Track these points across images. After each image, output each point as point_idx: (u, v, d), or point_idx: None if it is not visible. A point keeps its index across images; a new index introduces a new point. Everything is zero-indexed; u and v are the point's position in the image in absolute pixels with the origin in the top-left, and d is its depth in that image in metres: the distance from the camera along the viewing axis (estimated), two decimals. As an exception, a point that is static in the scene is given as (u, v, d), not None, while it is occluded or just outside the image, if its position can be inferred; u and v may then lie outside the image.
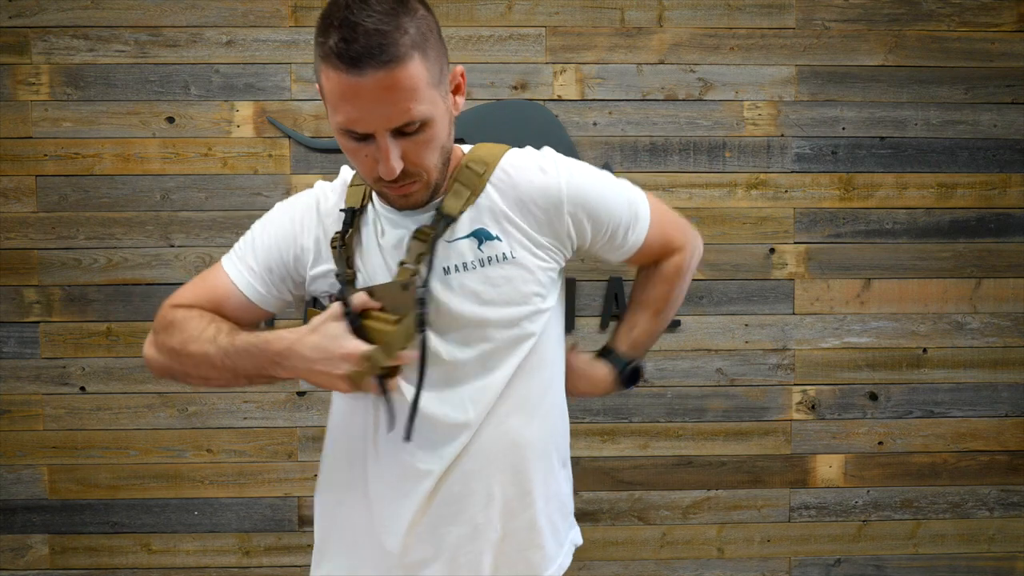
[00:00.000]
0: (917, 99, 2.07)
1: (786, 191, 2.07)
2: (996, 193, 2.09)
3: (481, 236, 0.96)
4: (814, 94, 2.06)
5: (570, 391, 1.13)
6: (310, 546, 2.06)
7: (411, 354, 0.91)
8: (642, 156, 2.05)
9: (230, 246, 1.05)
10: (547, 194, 0.97)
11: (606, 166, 2.03)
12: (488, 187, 0.97)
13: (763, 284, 2.08)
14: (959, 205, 2.10)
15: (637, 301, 1.17)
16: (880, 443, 2.12)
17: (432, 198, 0.95)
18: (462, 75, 0.94)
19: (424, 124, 0.85)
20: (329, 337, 0.89)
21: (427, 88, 0.84)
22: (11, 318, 2.00)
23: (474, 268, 0.96)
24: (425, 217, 0.96)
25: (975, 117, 2.08)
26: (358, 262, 0.98)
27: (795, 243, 2.08)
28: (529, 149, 1.02)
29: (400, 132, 0.85)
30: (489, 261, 0.96)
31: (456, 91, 0.94)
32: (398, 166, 0.85)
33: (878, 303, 2.10)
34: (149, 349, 1.00)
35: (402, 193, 0.91)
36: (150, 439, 2.03)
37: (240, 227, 1.99)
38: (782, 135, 2.06)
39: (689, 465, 2.11)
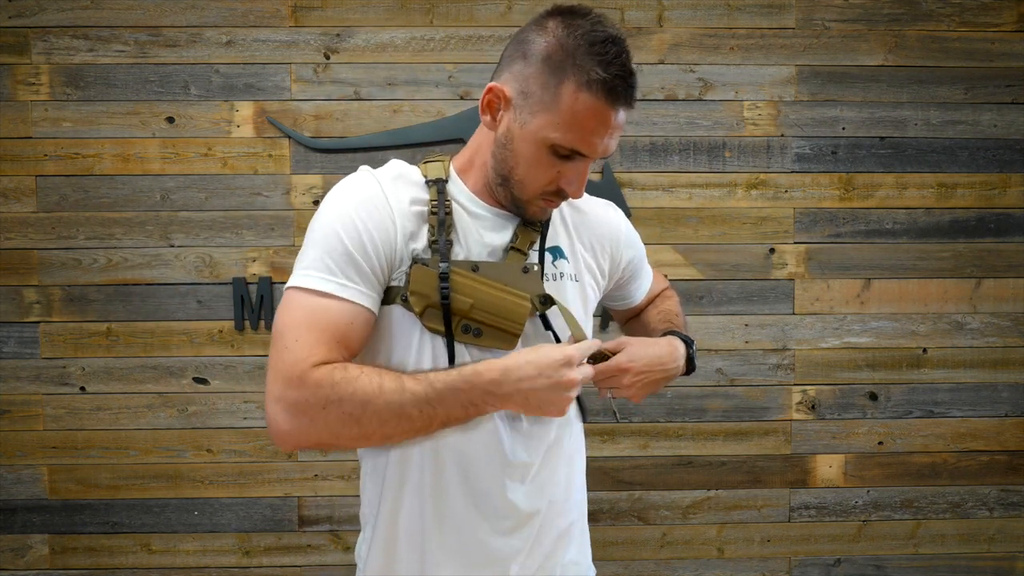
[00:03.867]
0: (917, 99, 2.07)
1: (786, 191, 2.07)
2: (996, 193, 2.09)
3: (555, 253, 1.02)
4: (814, 94, 2.06)
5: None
6: (310, 546, 2.07)
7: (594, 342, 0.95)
8: (642, 156, 2.05)
9: (230, 246, 1.03)
10: (612, 228, 1.09)
11: (605, 166, 2.03)
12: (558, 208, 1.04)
13: (763, 284, 2.08)
14: (959, 205, 2.10)
15: (655, 313, 1.22)
16: (880, 443, 2.12)
17: None
18: None
19: None
20: (543, 351, 0.88)
21: None
22: (11, 318, 2.00)
23: (553, 279, 1.01)
24: (512, 221, 0.99)
25: (975, 117, 2.08)
26: (455, 234, 0.96)
27: (795, 243, 2.08)
28: None
29: None
30: (560, 277, 1.01)
31: None
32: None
33: (878, 303, 2.10)
34: (295, 421, 0.85)
35: (551, 207, 0.97)
36: (150, 439, 2.03)
37: (240, 227, 2.00)
38: (782, 135, 2.06)
39: (689, 465, 2.11)
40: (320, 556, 2.07)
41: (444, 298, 0.90)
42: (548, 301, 0.97)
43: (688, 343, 1.10)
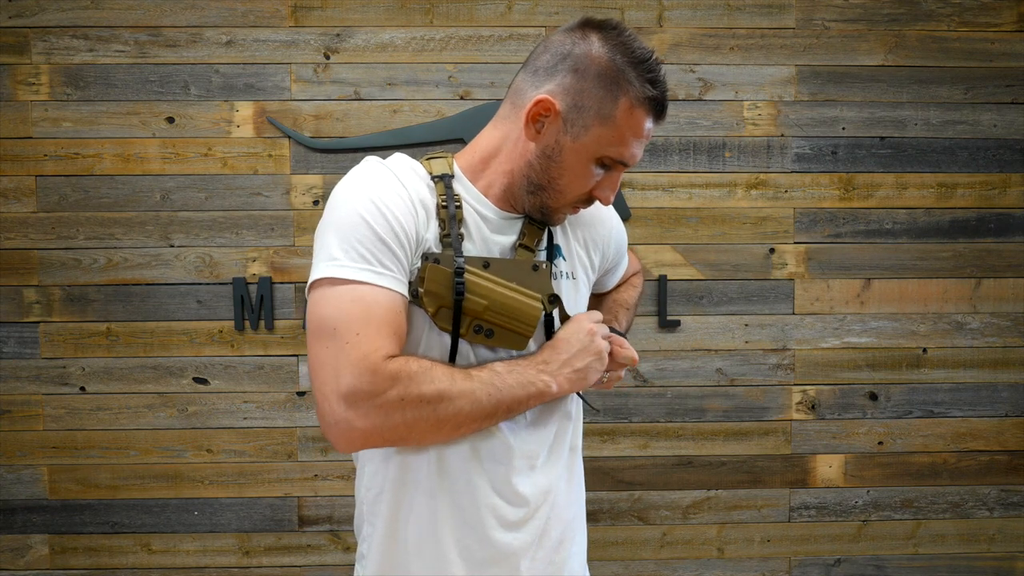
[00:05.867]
0: (917, 99, 2.07)
1: (786, 191, 2.07)
2: (996, 193, 2.09)
3: (555, 251, 1.04)
4: (814, 94, 2.06)
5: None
6: (310, 546, 2.07)
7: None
8: (642, 156, 2.04)
9: (230, 246, 1.03)
10: (605, 225, 1.13)
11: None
12: None
13: (763, 284, 2.08)
14: (959, 205, 2.10)
15: (614, 300, 1.28)
16: (880, 443, 2.12)
17: None
18: None
19: None
20: (573, 328, 0.98)
21: None
22: (11, 318, 2.00)
23: (552, 277, 1.03)
24: (517, 220, 1.01)
25: (975, 117, 2.08)
26: (466, 229, 0.96)
27: (795, 243, 2.08)
28: None
29: None
30: (558, 275, 1.03)
31: None
32: None
33: (878, 303, 2.10)
34: (369, 417, 0.84)
35: (575, 213, 1.03)
36: (150, 439, 2.03)
37: (240, 227, 2.00)
38: (782, 135, 2.06)
39: (689, 465, 2.11)
40: (320, 556, 2.07)
41: (458, 294, 0.90)
42: (556, 300, 0.99)
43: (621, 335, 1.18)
